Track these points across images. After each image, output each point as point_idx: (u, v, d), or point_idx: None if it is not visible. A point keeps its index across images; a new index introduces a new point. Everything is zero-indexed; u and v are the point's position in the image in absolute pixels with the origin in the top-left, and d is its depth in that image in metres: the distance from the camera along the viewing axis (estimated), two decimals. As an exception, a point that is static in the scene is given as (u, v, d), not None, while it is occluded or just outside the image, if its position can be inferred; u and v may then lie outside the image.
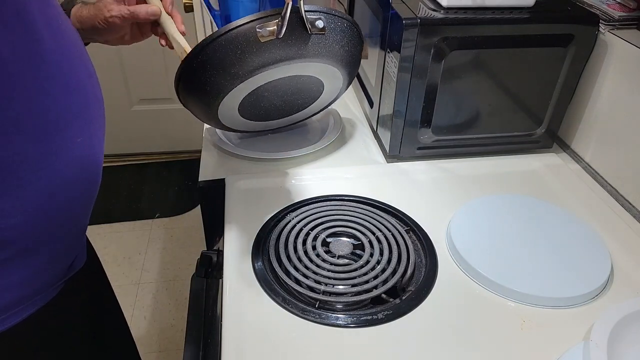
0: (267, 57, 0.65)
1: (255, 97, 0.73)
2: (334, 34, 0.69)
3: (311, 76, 0.73)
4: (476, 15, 0.74)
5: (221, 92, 0.68)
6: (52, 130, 0.48)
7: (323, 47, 0.68)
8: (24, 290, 0.52)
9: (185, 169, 2.23)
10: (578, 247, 0.67)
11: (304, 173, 0.82)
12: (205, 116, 0.75)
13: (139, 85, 2.05)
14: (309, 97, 0.81)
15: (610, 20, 0.78)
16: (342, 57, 0.72)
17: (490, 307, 0.59)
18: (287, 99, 0.78)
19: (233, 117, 0.76)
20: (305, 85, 0.76)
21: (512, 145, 0.88)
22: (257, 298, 0.59)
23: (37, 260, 0.52)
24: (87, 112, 0.53)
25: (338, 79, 0.77)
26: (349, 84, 0.82)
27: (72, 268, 0.59)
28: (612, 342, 0.51)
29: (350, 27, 0.71)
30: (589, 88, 0.83)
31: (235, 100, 0.71)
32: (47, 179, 0.49)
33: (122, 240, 1.84)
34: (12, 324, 0.52)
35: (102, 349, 0.71)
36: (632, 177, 0.76)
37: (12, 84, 0.44)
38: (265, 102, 0.76)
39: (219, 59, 0.64)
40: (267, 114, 0.81)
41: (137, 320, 1.54)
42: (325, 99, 0.83)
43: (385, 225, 0.70)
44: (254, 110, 0.77)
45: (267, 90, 0.72)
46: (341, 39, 0.70)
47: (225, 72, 0.66)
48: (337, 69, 0.74)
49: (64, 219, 0.54)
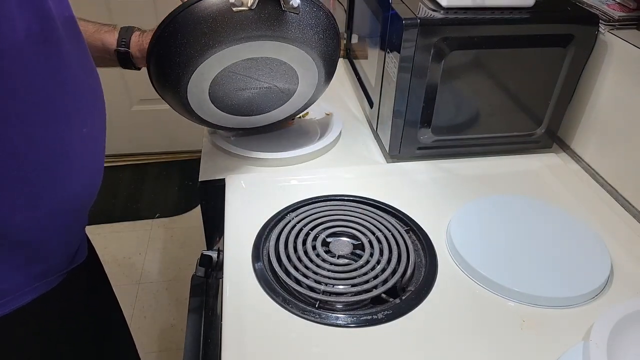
0: (239, 30, 0.66)
1: (226, 80, 0.72)
2: (308, 17, 0.70)
3: (285, 63, 0.73)
4: (476, 15, 0.74)
5: (190, 65, 0.68)
6: (61, 118, 0.49)
7: (297, 28, 0.69)
8: (23, 274, 0.52)
9: (185, 169, 2.23)
10: (578, 247, 0.67)
11: (304, 173, 0.82)
12: (174, 97, 0.74)
13: (139, 85, 2.05)
14: (284, 91, 0.80)
15: (610, 21, 0.78)
16: (316, 45, 0.72)
17: (490, 307, 0.59)
18: (261, 91, 0.78)
19: (203, 101, 0.75)
20: (279, 76, 0.76)
21: (512, 145, 0.88)
22: (257, 298, 0.59)
23: (37, 249, 0.53)
24: (92, 105, 0.54)
25: (313, 71, 0.76)
26: (326, 80, 0.81)
27: (73, 261, 0.60)
28: (612, 342, 0.51)
29: (327, 17, 0.72)
30: (588, 88, 0.83)
31: (205, 79, 0.71)
32: (53, 172, 0.49)
33: (122, 240, 1.84)
34: (13, 308, 0.52)
35: (101, 342, 0.72)
36: (632, 177, 0.76)
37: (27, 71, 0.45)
38: (237, 90, 0.75)
39: (190, 27, 0.65)
40: (239, 106, 0.80)
41: (137, 320, 1.54)
42: (302, 95, 0.82)
43: (385, 225, 0.70)
44: (225, 98, 0.76)
45: (239, 73, 0.72)
46: (316, 25, 0.71)
47: (195, 42, 0.66)
48: (312, 58, 0.73)
49: (68, 212, 0.54)
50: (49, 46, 0.46)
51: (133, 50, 0.72)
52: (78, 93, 0.51)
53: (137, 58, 0.73)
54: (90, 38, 0.70)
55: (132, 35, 0.72)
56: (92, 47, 0.70)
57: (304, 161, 0.86)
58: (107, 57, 0.72)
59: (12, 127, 0.45)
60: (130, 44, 0.71)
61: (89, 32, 0.71)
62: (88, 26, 0.71)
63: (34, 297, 0.54)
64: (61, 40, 0.48)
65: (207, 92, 0.73)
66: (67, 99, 0.49)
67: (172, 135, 2.22)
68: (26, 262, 0.52)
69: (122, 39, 0.71)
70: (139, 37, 0.72)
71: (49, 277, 0.56)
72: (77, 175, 0.53)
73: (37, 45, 0.45)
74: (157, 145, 2.26)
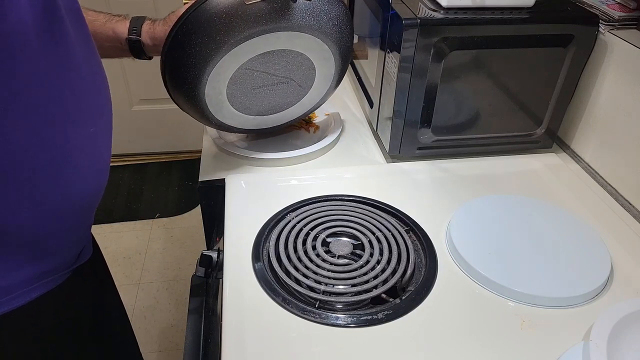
0: (254, 23, 0.65)
1: (243, 78, 0.72)
2: (321, 3, 0.69)
3: (301, 54, 0.72)
4: (476, 15, 0.74)
5: (207, 65, 0.67)
6: (67, 117, 0.49)
7: (310, 16, 0.68)
8: (29, 272, 0.52)
9: (185, 169, 2.23)
10: (578, 247, 0.67)
11: (304, 173, 0.82)
12: (192, 103, 0.73)
13: (139, 85, 2.05)
14: (302, 84, 0.79)
15: (610, 21, 0.78)
16: (331, 31, 0.72)
17: (490, 307, 0.59)
18: (279, 87, 0.77)
19: (221, 104, 0.74)
20: (296, 69, 0.75)
21: (512, 146, 0.88)
22: (257, 298, 0.59)
23: (44, 249, 0.53)
24: (99, 104, 0.54)
25: (329, 60, 0.76)
26: (342, 70, 0.80)
27: (79, 259, 0.61)
28: (612, 342, 0.51)
29: (338, 3, 0.71)
30: (588, 88, 0.83)
31: (223, 79, 0.70)
32: (59, 171, 0.50)
33: (122, 240, 1.84)
34: (18, 305, 0.52)
35: (105, 341, 0.72)
36: (632, 177, 0.76)
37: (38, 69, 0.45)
38: (254, 88, 0.74)
39: (204, 25, 0.64)
40: (258, 105, 0.78)
41: (137, 320, 1.54)
42: (319, 89, 0.81)
43: (385, 225, 0.70)
44: (244, 98, 0.75)
45: (256, 69, 0.71)
46: (329, 11, 0.70)
47: (210, 40, 0.65)
48: (327, 46, 0.73)
49: (74, 211, 0.55)
50: (56, 37, 0.46)
51: (144, 38, 0.72)
52: (85, 92, 0.51)
53: (149, 46, 0.73)
54: (102, 27, 0.71)
55: (144, 24, 0.72)
56: (104, 36, 0.70)
57: (304, 161, 0.86)
58: (119, 46, 0.73)
59: (19, 124, 0.45)
60: (141, 32, 0.72)
61: (100, 21, 0.71)
62: (99, 16, 0.72)
63: (38, 294, 0.54)
64: (67, 32, 0.48)
65: (224, 92, 0.73)
66: (74, 98, 0.49)
67: (172, 135, 2.22)
68: (32, 260, 0.52)
69: (133, 27, 0.72)
70: (150, 26, 0.72)
71: (54, 275, 0.56)
72: (84, 174, 0.53)
73: (44, 34, 0.44)
74: (157, 145, 2.26)
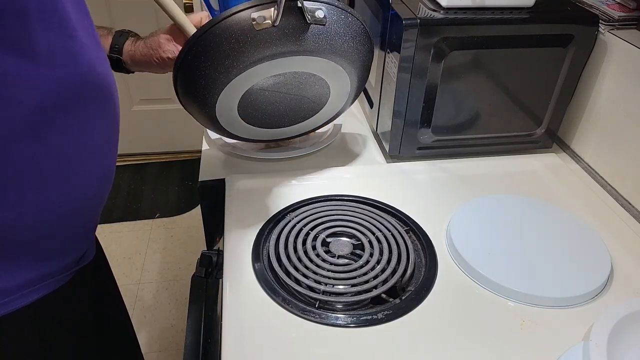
0: (264, 48, 0.62)
1: (254, 96, 0.70)
2: (336, 26, 0.65)
3: (314, 75, 0.70)
4: (476, 15, 0.74)
5: (216, 87, 0.65)
6: (78, 116, 0.49)
7: (324, 40, 0.65)
8: (31, 274, 0.53)
9: (185, 169, 2.23)
10: (578, 247, 0.67)
11: (303, 173, 0.82)
12: (204, 117, 0.72)
13: (139, 85, 2.05)
14: (316, 102, 0.76)
15: (610, 21, 0.78)
16: (346, 53, 0.68)
17: (490, 307, 0.59)
18: (292, 103, 0.74)
19: (233, 119, 0.73)
20: (309, 87, 0.72)
21: (512, 145, 0.88)
22: (257, 298, 0.59)
23: (47, 252, 0.53)
24: (107, 113, 0.54)
25: (344, 80, 0.72)
26: (359, 87, 0.77)
27: (82, 261, 0.61)
28: (612, 342, 0.51)
29: (356, 23, 0.67)
30: (588, 88, 0.83)
31: (233, 98, 0.68)
32: (65, 176, 0.50)
33: (122, 240, 1.84)
34: (19, 306, 0.52)
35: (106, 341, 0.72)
36: (632, 177, 0.76)
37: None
38: (267, 105, 0.72)
39: (213, 49, 0.62)
40: (270, 119, 0.76)
41: (137, 320, 1.54)
42: (334, 104, 0.78)
43: (385, 225, 0.70)
44: (256, 113, 0.73)
45: (267, 89, 0.69)
46: (344, 33, 0.66)
47: (219, 64, 0.63)
48: (342, 67, 0.69)
49: (78, 215, 0.55)
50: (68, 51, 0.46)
51: (125, 57, 0.71)
52: (96, 99, 0.51)
53: (130, 65, 0.72)
54: None
55: (125, 42, 0.71)
56: None
57: (304, 161, 0.86)
58: None
59: (26, 132, 0.45)
60: (122, 50, 0.71)
61: None
62: None
63: (40, 295, 0.54)
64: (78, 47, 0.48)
65: (236, 109, 0.71)
66: (84, 102, 0.50)
67: (172, 135, 2.22)
68: (35, 261, 0.52)
69: (115, 44, 0.71)
70: (131, 46, 0.71)
71: (56, 277, 0.56)
72: (89, 179, 0.53)
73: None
74: (157, 145, 2.26)
